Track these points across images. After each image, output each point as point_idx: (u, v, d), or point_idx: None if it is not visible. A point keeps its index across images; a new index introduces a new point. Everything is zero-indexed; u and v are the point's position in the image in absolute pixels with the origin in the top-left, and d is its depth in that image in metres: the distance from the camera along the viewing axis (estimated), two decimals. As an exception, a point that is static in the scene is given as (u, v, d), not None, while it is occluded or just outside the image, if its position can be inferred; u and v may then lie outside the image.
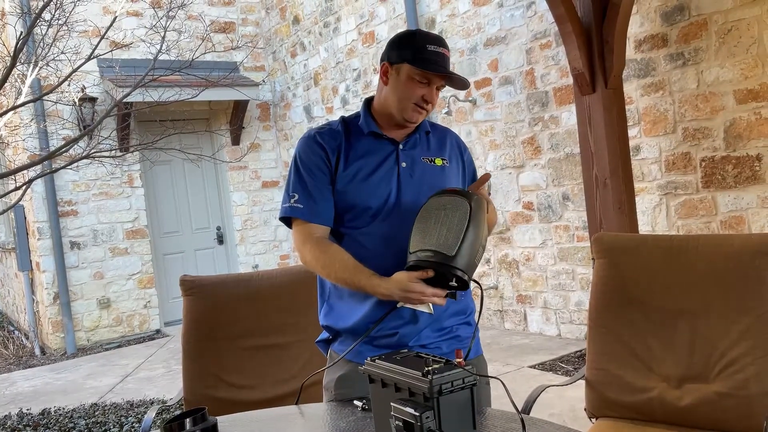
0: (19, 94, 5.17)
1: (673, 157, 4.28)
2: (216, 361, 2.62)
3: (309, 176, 1.77)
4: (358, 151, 1.79)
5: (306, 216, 1.75)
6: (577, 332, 5.09)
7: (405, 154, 1.81)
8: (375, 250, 1.73)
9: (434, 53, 1.74)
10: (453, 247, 1.53)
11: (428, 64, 1.72)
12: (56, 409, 4.73)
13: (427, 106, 1.78)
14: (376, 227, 1.74)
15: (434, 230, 1.57)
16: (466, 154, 1.95)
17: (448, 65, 1.78)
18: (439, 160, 1.84)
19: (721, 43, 3.92)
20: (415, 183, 1.78)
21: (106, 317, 7.45)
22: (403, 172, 1.78)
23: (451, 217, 1.56)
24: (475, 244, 1.56)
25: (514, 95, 5.39)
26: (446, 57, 1.76)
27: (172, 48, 5.84)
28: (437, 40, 1.77)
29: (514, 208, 5.51)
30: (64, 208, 7.26)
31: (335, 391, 1.78)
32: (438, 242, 1.54)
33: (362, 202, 1.75)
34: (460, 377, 1.29)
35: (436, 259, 1.53)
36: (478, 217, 1.57)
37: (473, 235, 1.55)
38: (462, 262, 1.53)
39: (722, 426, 1.97)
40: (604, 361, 2.20)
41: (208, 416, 1.61)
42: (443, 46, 1.77)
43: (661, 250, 2.19)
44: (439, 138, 1.91)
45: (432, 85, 1.76)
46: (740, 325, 2.00)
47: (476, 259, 1.57)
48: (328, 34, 7.46)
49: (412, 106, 1.77)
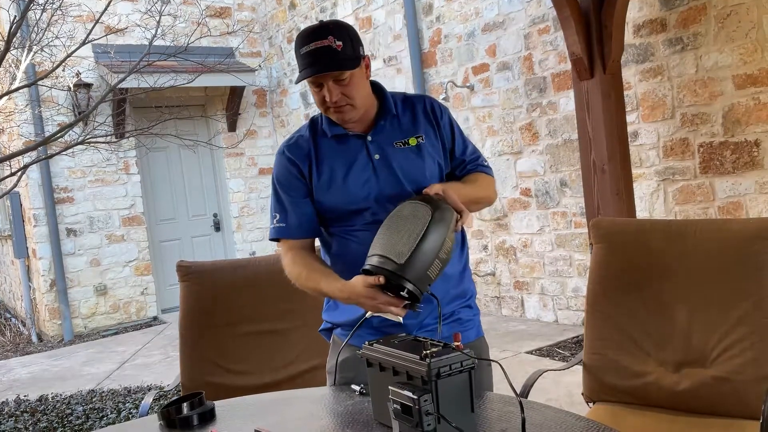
0: (14, 79, 5.12)
1: (671, 143, 4.27)
2: (213, 347, 2.61)
3: (285, 194, 1.78)
4: (328, 155, 1.75)
5: (288, 234, 1.79)
6: (574, 318, 5.10)
7: (375, 146, 1.74)
8: (366, 246, 1.69)
9: (306, 55, 1.64)
10: (403, 256, 1.47)
11: (301, 73, 1.65)
12: (54, 396, 4.74)
13: (337, 105, 1.67)
14: (364, 224, 1.73)
15: (390, 236, 1.52)
16: (443, 119, 1.82)
17: (327, 55, 1.61)
18: (413, 140, 1.76)
19: (720, 27, 3.90)
20: (394, 172, 1.73)
21: (103, 304, 7.45)
22: (378, 164, 1.73)
23: (410, 224, 1.51)
24: (429, 256, 1.48)
25: (512, 81, 5.36)
26: (320, 50, 1.61)
27: (168, 33, 5.79)
28: (308, 36, 1.64)
29: (511, 195, 5.51)
30: (60, 194, 7.23)
31: (338, 374, 1.79)
32: (389, 248, 1.49)
33: (344, 206, 1.73)
34: (458, 360, 1.28)
35: (385, 266, 1.48)
36: (438, 228, 1.49)
37: (429, 246, 1.48)
38: (411, 272, 1.46)
39: (719, 410, 1.97)
40: (602, 346, 2.20)
41: (206, 401, 1.61)
42: (315, 38, 1.63)
43: (659, 234, 2.19)
44: (411, 113, 1.80)
45: (324, 86, 1.65)
46: (738, 310, 2.00)
47: (430, 271, 1.49)
48: (324, 19, 7.41)
49: (327, 110, 1.71)
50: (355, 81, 1.66)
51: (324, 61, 1.62)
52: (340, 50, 1.62)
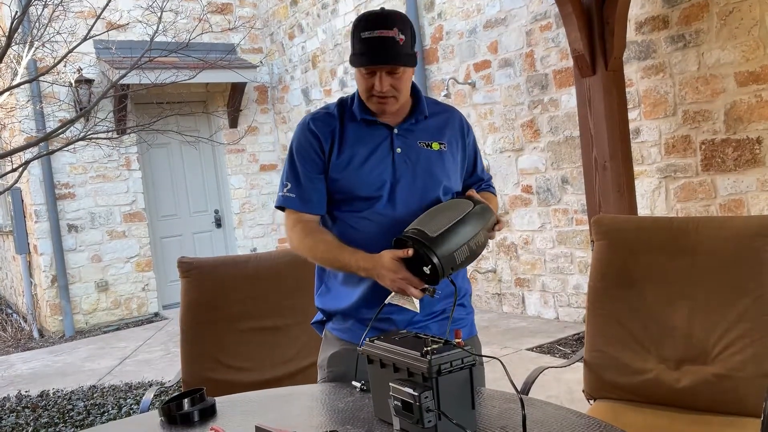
0: (15, 75, 5.12)
1: (673, 140, 4.26)
2: (214, 344, 2.62)
3: (302, 165, 1.76)
4: (351, 137, 1.76)
5: (297, 206, 1.77)
6: (575, 315, 5.10)
7: (400, 139, 1.75)
8: (369, 235, 1.72)
9: (368, 41, 1.63)
10: (436, 231, 1.53)
11: (359, 57, 1.65)
12: (55, 391, 4.75)
13: (383, 96, 1.68)
14: (371, 213, 1.73)
15: (430, 217, 1.59)
16: (469, 137, 1.88)
17: (391, 47, 1.63)
18: (436, 144, 1.78)
19: (722, 24, 3.89)
20: (411, 168, 1.74)
21: (104, 300, 7.45)
22: (398, 157, 1.74)
23: (450, 211, 1.58)
24: (460, 239, 1.54)
25: (514, 78, 5.35)
26: (385, 39, 1.62)
27: (169, 29, 5.80)
28: (374, 22, 1.64)
29: (512, 192, 5.50)
30: (62, 190, 7.23)
31: (328, 369, 1.80)
32: (425, 224, 1.56)
33: (356, 190, 1.73)
34: (459, 357, 1.28)
35: (417, 236, 1.54)
36: (475, 219, 1.57)
37: (463, 231, 1.54)
38: (440, 248, 1.52)
39: (720, 408, 1.97)
40: (603, 343, 2.20)
41: (206, 397, 1.62)
42: (381, 26, 1.63)
43: (660, 232, 2.19)
44: (441, 120, 1.83)
45: (377, 74, 1.66)
46: (739, 307, 1.99)
47: (457, 254, 1.54)
48: (326, 15, 7.40)
49: (370, 98, 1.71)
50: (406, 76, 1.69)
51: (387, 52, 1.63)
52: (402, 44, 1.64)
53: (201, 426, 1.52)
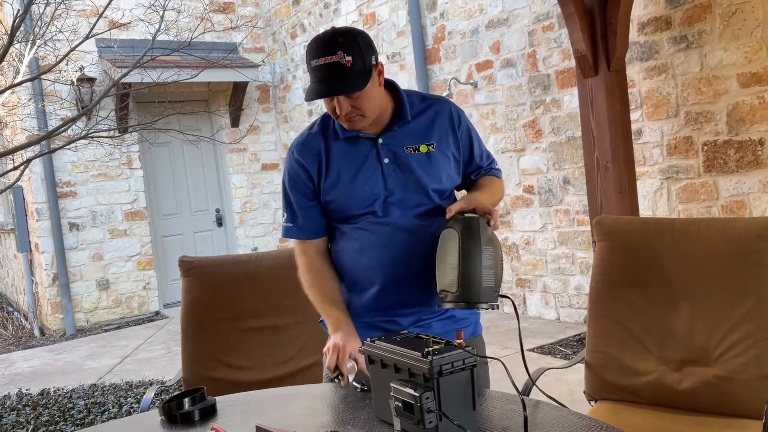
0: (17, 73, 5.12)
1: (675, 141, 4.26)
2: (215, 343, 2.61)
3: (293, 195, 1.80)
4: (337, 156, 1.74)
5: (296, 234, 1.82)
6: (576, 316, 5.09)
7: (386, 149, 1.72)
8: (370, 243, 1.73)
9: (315, 69, 1.60)
10: (455, 283, 1.54)
11: (310, 87, 1.62)
12: (55, 390, 4.75)
13: (348, 117, 1.64)
14: (368, 224, 1.73)
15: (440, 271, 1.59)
16: (461, 128, 1.80)
17: (336, 75, 1.58)
18: (423, 147, 1.73)
19: (725, 25, 3.89)
20: (401, 177, 1.72)
21: (105, 299, 7.46)
22: (387, 168, 1.72)
23: (448, 253, 1.57)
24: (476, 272, 1.53)
25: (516, 78, 5.35)
26: (329, 67, 1.57)
27: (171, 28, 5.79)
28: (316, 49, 1.60)
29: (514, 192, 5.50)
30: (63, 189, 7.23)
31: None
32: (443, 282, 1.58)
33: (350, 209, 1.74)
34: (460, 358, 1.28)
35: (446, 299, 1.56)
36: (469, 243, 1.55)
37: (470, 264, 1.53)
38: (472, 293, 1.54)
39: (721, 409, 1.96)
40: (604, 344, 2.19)
41: (207, 396, 1.61)
42: (324, 53, 1.58)
43: (662, 233, 2.18)
44: (428, 118, 1.77)
45: (334, 99, 1.62)
46: (741, 309, 1.99)
47: (486, 283, 1.55)
48: (328, 15, 7.40)
49: (338, 118, 1.67)
50: (365, 94, 1.62)
51: (333, 80, 1.58)
52: (350, 66, 1.58)
53: (201, 425, 1.52)
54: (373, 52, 1.64)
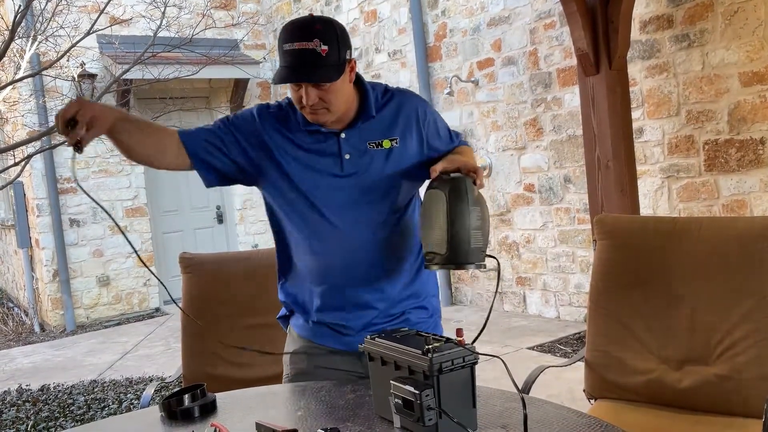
0: (18, 69, 5.12)
1: (676, 140, 4.25)
2: (214, 339, 2.61)
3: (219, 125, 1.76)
4: (298, 145, 1.68)
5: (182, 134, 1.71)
6: (576, 314, 5.09)
7: (348, 144, 1.66)
8: (325, 244, 1.69)
9: (288, 53, 1.52)
10: (444, 245, 1.52)
11: (280, 71, 1.55)
12: (55, 386, 4.75)
13: (313, 108, 1.57)
14: (325, 223, 1.67)
15: (427, 230, 1.57)
16: (427, 121, 1.73)
17: (311, 61, 1.51)
18: (387, 142, 1.68)
19: (727, 24, 3.88)
20: (361, 173, 1.66)
21: (106, 295, 7.46)
22: (347, 163, 1.66)
23: (436, 214, 1.54)
24: (465, 233, 1.52)
25: (517, 76, 5.34)
26: (303, 53, 1.51)
27: (172, 24, 5.79)
28: (292, 33, 1.53)
29: (515, 190, 5.49)
30: (64, 185, 7.24)
31: (290, 365, 1.83)
32: (432, 242, 1.55)
33: (307, 203, 1.67)
34: (460, 356, 1.28)
35: (435, 261, 1.55)
36: (457, 206, 1.52)
37: (459, 226, 1.52)
38: (460, 255, 1.52)
39: (721, 408, 1.96)
40: (604, 343, 2.19)
41: (207, 392, 1.61)
42: (300, 38, 1.51)
43: (663, 232, 2.18)
44: (392, 112, 1.71)
45: (302, 87, 1.55)
46: (741, 308, 1.99)
47: (474, 244, 1.53)
48: (329, 12, 7.39)
49: (302, 110, 1.61)
50: (335, 87, 1.56)
51: (306, 67, 1.52)
52: (325, 56, 1.52)
53: (201, 422, 1.52)
54: (348, 46, 1.60)
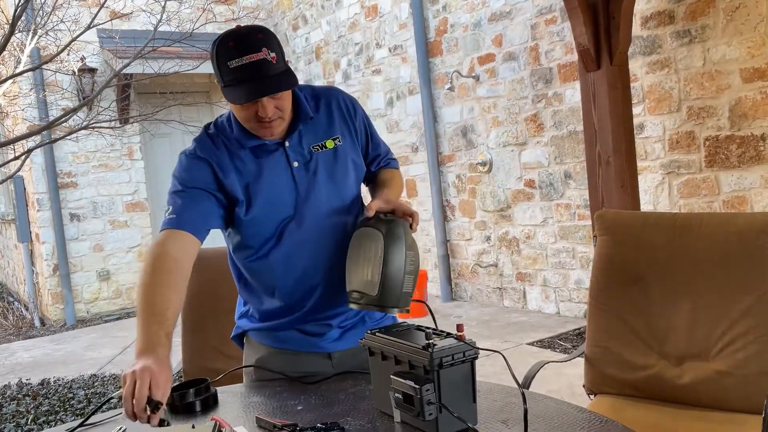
0: (18, 62, 5.11)
1: (677, 136, 4.25)
2: (215, 333, 2.61)
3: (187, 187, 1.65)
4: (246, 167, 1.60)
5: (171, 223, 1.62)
6: (576, 310, 5.10)
7: (294, 152, 1.62)
8: (290, 256, 1.64)
9: (240, 69, 1.45)
10: (375, 286, 1.49)
11: (236, 91, 1.47)
12: (55, 380, 4.76)
13: (271, 120, 1.52)
14: (287, 235, 1.63)
15: (357, 270, 1.53)
16: (356, 116, 1.71)
17: (266, 72, 1.46)
18: (330, 142, 1.65)
19: (728, 20, 3.87)
20: (313, 179, 1.62)
21: (106, 289, 7.47)
22: (297, 171, 1.62)
23: (370, 253, 1.51)
24: (398, 275, 1.50)
25: (518, 71, 5.34)
26: (258, 64, 1.45)
27: (173, 19, 5.78)
28: (239, 47, 1.46)
29: (515, 186, 5.49)
30: (64, 179, 7.24)
31: (254, 373, 1.78)
32: (357, 282, 1.52)
33: (268, 222, 1.63)
34: (460, 350, 1.28)
35: (360, 301, 1.52)
36: (394, 246, 1.50)
37: (393, 268, 1.49)
38: (390, 299, 1.50)
39: (722, 404, 1.96)
40: (604, 339, 2.19)
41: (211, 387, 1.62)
42: (250, 50, 1.45)
43: (663, 228, 2.18)
44: (325, 112, 1.67)
45: (258, 102, 1.49)
46: (742, 304, 1.99)
47: (405, 288, 1.51)
48: (330, 7, 7.37)
49: (255, 126, 1.55)
50: (287, 93, 1.54)
51: (265, 79, 1.46)
52: (275, 63, 1.47)
53: (202, 416, 1.52)
54: (282, 50, 1.55)
